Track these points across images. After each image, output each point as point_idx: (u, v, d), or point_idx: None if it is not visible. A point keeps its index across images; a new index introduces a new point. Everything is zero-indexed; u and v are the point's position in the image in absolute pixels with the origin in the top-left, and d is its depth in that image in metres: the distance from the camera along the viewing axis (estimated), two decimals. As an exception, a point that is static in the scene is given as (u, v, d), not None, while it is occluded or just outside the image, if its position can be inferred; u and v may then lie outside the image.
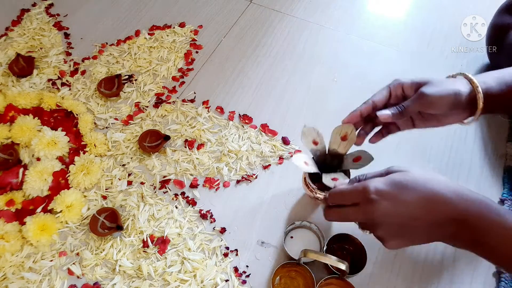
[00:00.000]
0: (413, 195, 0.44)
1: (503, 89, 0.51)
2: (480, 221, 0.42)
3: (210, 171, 0.72)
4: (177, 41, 0.91)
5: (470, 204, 0.43)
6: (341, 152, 0.58)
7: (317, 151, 0.59)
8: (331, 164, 0.59)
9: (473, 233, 0.43)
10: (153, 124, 0.78)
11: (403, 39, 0.91)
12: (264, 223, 0.66)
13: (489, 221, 0.42)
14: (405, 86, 0.53)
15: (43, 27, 0.94)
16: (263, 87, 0.84)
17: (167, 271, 0.61)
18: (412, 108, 0.51)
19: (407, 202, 0.44)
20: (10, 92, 0.81)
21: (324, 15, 0.96)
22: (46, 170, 0.70)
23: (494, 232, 0.42)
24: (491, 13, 0.79)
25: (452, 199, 0.43)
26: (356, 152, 0.56)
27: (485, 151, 0.73)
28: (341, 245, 0.61)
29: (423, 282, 0.60)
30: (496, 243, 0.42)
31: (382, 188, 0.44)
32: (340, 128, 0.56)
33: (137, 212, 0.67)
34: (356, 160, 0.56)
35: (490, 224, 0.42)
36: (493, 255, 0.44)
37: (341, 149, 0.57)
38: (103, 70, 0.86)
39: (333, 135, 0.57)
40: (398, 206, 0.44)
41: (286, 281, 0.58)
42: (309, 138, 0.58)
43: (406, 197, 0.44)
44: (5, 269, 0.62)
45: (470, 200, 0.43)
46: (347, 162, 0.57)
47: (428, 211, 0.43)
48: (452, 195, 0.43)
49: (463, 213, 0.42)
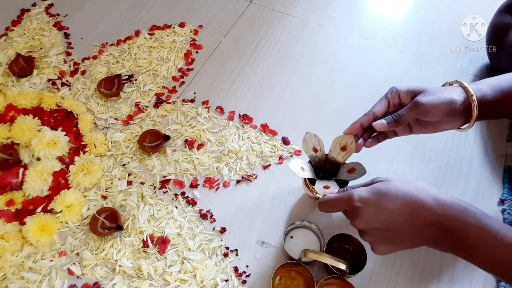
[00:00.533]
0: (394, 202, 0.46)
1: (498, 96, 0.52)
2: (458, 225, 0.44)
3: (210, 171, 0.72)
4: (177, 41, 0.91)
5: (448, 208, 0.45)
6: (339, 161, 0.60)
7: (316, 158, 0.61)
8: (329, 171, 0.62)
9: (453, 237, 0.45)
10: (153, 124, 0.78)
11: (403, 39, 0.91)
12: (264, 223, 0.66)
13: (467, 224, 0.44)
14: (401, 95, 0.55)
15: (43, 27, 0.94)
16: (263, 87, 0.84)
17: (167, 271, 0.61)
18: (407, 116, 0.53)
19: (389, 209, 0.46)
20: (10, 92, 0.81)
21: (324, 15, 0.96)
22: (46, 170, 0.70)
23: (473, 235, 0.44)
24: (491, 13, 0.79)
25: (431, 204, 0.45)
26: (352, 163, 0.59)
27: (485, 151, 0.73)
28: (341, 245, 0.61)
29: (423, 282, 0.60)
30: (476, 246, 0.44)
31: (365, 196, 0.48)
32: (341, 138, 0.58)
33: (137, 212, 0.67)
34: (350, 171, 0.59)
35: (468, 227, 0.44)
36: (474, 258, 0.45)
37: (340, 158, 0.60)
38: (103, 70, 0.86)
39: (333, 144, 0.59)
40: (381, 213, 0.47)
41: (286, 281, 0.58)
42: (310, 145, 0.60)
43: (388, 204, 0.46)
44: (5, 269, 0.62)
45: (447, 205, 0.45)
46: (342, 172, 0.60)
47: (409, 216, 0.46)
48: (431, 201, 0.45)
49: (442, 218, 0.45)
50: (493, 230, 0.43)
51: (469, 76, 0.83)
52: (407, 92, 0.54)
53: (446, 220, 0.44)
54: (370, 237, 0.49)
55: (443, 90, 0.53)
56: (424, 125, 0.57)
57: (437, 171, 0.71)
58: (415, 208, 0.45)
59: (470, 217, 0.44)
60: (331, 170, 0.61)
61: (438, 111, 0.52)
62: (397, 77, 0.84)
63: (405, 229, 0.46)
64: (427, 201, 0.45)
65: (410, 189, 0.46)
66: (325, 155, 0.61)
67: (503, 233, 0.42)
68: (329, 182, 0.58)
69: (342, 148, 0.59)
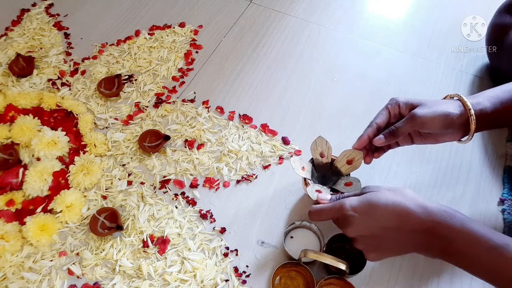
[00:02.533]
0: (383, 211, 0.48)
1: (498, 108, 0.54)
2: (445, 231, 0.46)
3: (210, 171, 0.72)
4: (177, 41, 0.91)
5: (434, 215, 0.47)
6: (342, 172, 0.62)
7: (320, 163, 0.62)
8: (329, 178, 0.63)
9: (441, 242, 0.46)
10: (153, 124, 0.78)
11: (403, 39, 0.91)
12: (264, 223, 0.66)
13: (453, 229, 0.46)
14: (401, 106, 0.57)
15: (43, 27, 0.94)
16: (263, 87, 0.84)
17: (167, 271, 0.61)
18: (403, 129, 0.55)
19: (378, 216, 0.48)
20: (10, 92, 0.81)
21: (324, 15, 0.96)
22: (46, 170, 0.70)
23: (459, 240, 0.45)
24: (491, 13, 0.79)
25: (418, 212, 0.47)
26: (351, 178, 0.61)
27: (485, 151, 0.73)
28: (341, 245, 0.61)
29: (423, 282, 0.60)
30: (462, 251, 0.45)
31: (356, 206, 0.50)
32: (350, 152, 0.60)
33: (137, 212, 0.67)
34: (347, 184, 0.60)
35: (454, 233, 0.46)
36: (462, 263, 0.47)
37: (343, 170, 0.61)
38: (103, 70, 0.86)
39: (341, 154, 0.61)
40: (371, 221, 0.49)
41: (286, 281, 0.58)
42: (319, 149, 0.61)
43: (378, 213, 0.48)
44: (5, 269, 0.62)
45: (434, 212, 0.47)
46: (340, 183, 0.61)
47: (398, 224, 0.48)
48: (418, 209, 0.47)
49: (430, 225, 0.46)
50: (478, 234, 0.45)
51: (469, 76, 0.83)
52: (406, 104, 0.56)
53: (433, 227, 0.46)
54: (362, 244, 0.51)
55: (440, 103, 0.55)
56: (424, 136, 0.58)
57: (437, 171, 0.71)
58: (403, 216, 0.47)
59: (457, 223, 0.46)
60: (331, 178, 0.63)
61: (435, 124, 0.53)
62: (397, 77, 0.84)
63: (394, 236, 0.49)
64: (415, 209, 0.47)
65: (398, 198, 0.48)
66: (330, 163, 0.62)
67: (488, 237, 0.45)
68: (322, 188, 0.59)
69: (348, 161, 0.61)
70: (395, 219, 0.48)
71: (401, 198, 0.48)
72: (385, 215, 0.48)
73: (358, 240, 0.51)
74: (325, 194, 0.57)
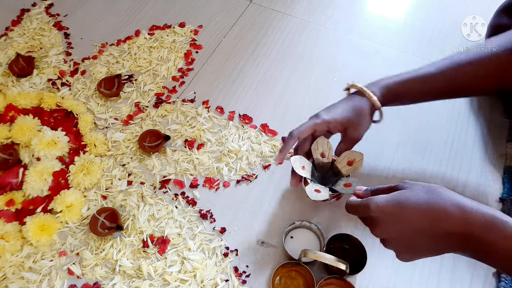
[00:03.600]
0: (414, 210, 0.45)
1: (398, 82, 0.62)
2: (485, 234, 0.42)
3: (210, 171, 0.72)
4: (177, 41, 0.91)
5: (474, 216, 0.43)
6: (342, 173, 0.61)
7: (321, 163, 0.62)
8: (329, 178, 0.63)
9: (480, 246, 0.43)
10: (153, 124, 0.78)
11: (403, 39, 0.91)
12: (264, 223, 0.66)
13: (495, 233, 0.42)
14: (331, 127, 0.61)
15: (43, 27, 0.94)
16: (263, 87, 0.84)
17: (167, 271, 0.61)
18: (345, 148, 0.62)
19: (408, 217, 0.45)
20: (10, 92, 0.81)
21: (324, 15, 0.96)
22: (46, 170, 0.70)
23: (502, 245, 0.42)
24: (491, 13, 0.79)
25: (454, 213, 0.43)
26: (351, 179, 0.60)
27: (485, 151, 0.73)
28: (341, 245, 0.61)
29: (423, 282, 0.60)
30: (505, 256, 0.42)
31: (383, 205, 0.46)
32: (352, 153, 0.61)
33: (137, 212, 0.67)
34: (347, 185, 0.60)
35: (496, 236, 0.42)
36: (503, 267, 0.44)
37: (344, 171, 0.61)
38: (103, 70, 0.86)
39: (342, 156, 0.61)
40: (401, 223, 0.45)
41: (286, 281, 0.58)
42: (320, 149, 0.61)
43: (408, 214, 0.45)
44: (5, 269, 0.62)
45: (474, 213, 0.43)
46: (340, 184, 0.60)
47: (431, 225, 0.44)
48: (454, 209, 0.43)
49: (467, 227, 0.43)
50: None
51: (469, 76, 0.83)
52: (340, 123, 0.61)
53: (471, 229, 0.43)
54: (392, 245, 0.48)
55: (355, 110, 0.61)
56: None
57: (437, 171, 0.71)
58: (436, 217, 0.44)
59: (499, 226, 0.42)
60: (331, 179, 0.63)
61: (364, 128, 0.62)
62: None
63: (428, 237, 0.45)
64: (451, 209, 0.44)
65: (432, 196, 0.45)
66: (331, 163, 0.62)
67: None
68: (322, 188, 0.59)
69: (349, 162, 0.61)
70: (428, 220, 0.44)
71: (435, 197, 0.45)
72: (417, 216, 0.44)
73: (388, 241, 0.48)
74: (324, 193, 0.57)
